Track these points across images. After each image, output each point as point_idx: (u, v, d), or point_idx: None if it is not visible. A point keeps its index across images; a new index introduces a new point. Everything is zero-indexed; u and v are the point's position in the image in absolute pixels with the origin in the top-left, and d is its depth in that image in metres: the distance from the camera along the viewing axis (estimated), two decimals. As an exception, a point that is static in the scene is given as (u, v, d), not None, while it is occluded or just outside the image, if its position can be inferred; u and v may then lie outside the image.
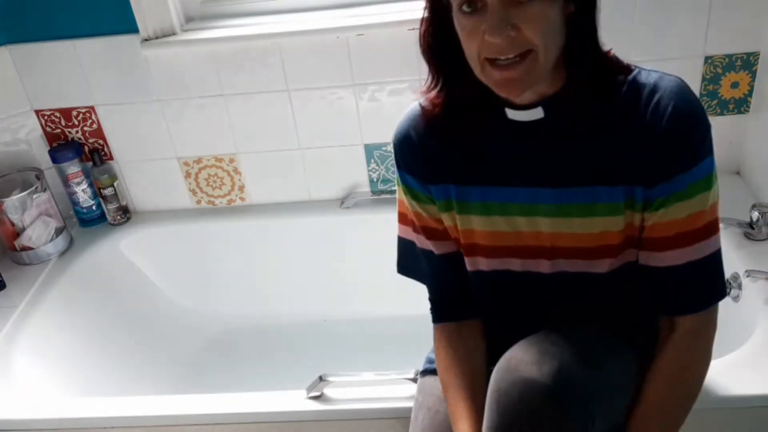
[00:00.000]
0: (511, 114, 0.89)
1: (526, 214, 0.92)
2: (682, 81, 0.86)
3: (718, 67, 1.62)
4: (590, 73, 0.85)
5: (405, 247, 1.08)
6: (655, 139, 0.84)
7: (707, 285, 0.92)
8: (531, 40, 0.77)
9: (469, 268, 1.01)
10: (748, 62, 1.61)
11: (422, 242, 1.04)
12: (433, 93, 0.93)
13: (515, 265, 0.97)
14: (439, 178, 0.97)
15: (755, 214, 1.44)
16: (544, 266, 0.95)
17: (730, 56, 1.60)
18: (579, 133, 0.88)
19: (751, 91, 1.64)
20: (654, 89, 0.84)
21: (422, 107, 0.96)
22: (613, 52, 0.87)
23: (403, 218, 1.06)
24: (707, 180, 0.86)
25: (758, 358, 1.18)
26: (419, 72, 1.67)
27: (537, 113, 0.88)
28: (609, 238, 0.90)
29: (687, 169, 0.84)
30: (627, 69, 0.87)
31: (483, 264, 0.99)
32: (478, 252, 0.98)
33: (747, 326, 1.27)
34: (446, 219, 1.00)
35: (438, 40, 0.88)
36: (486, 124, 0.91)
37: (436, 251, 1.03)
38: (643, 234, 0.90)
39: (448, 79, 0.91)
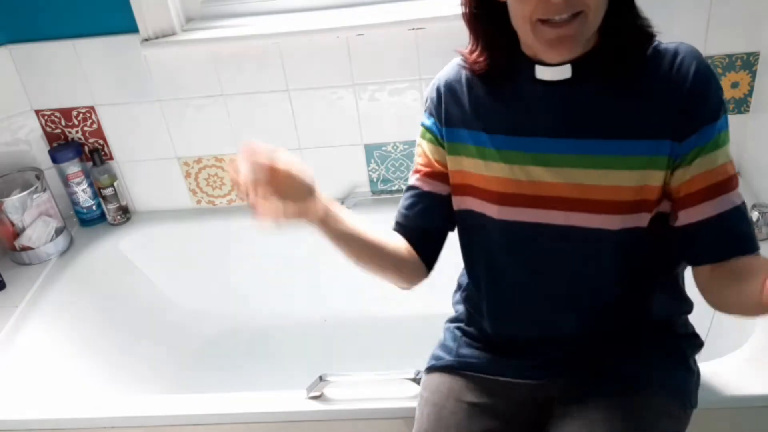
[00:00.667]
0: (540, 73, 0.93)
1: (543, 163, 0.95)
2: (695, 48, 0.92)
3: (718, 67, 1.62)
4: (623, 38, 0.90)
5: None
6: (683, 96, 0.89)
7: (751, 230, 0.94)
8: (584, 1, 0.83)
9: (477, 209, 1.02)
10: (748, 62, 1.61)
11: (413, 179, 1.08)
12: (474, 55, 0.98)
13: (527, 215, 0.98)
14: (460, 123, 1.01)
15: (755, 214, 1.44)
16: (556, 218, 0.97)
17: (730, 56, 1.61)
18: (604, 90, 0.92)
19: (751, 91, 1.64)
20: (676, 53, 0.91)
21: (464, 61, 1.01)
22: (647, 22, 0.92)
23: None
24: (727, 133, 0.93)
25: (758, 358, 1.18)
26: (419, 72, 1.67)
27: (565, 72, 0.92)
28: (623, 193, 0.93)
29: (713, 120, 0.90)
30: (652, 37, 0.92)
31: (493, 211, 1.00)
32: (490, 199, 1.00)
33: (747, 326, 1.27)
34: (455, 163, 1.02)
35: (480, 7, 0.93)
36: (516, 81, 0.96)
37: (424, 188, 1.06)
38: (681, 193, 0.92)
39: (486, 43, 0.96)
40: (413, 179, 1.08)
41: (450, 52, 1.04)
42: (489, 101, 0.99)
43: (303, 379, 1.28)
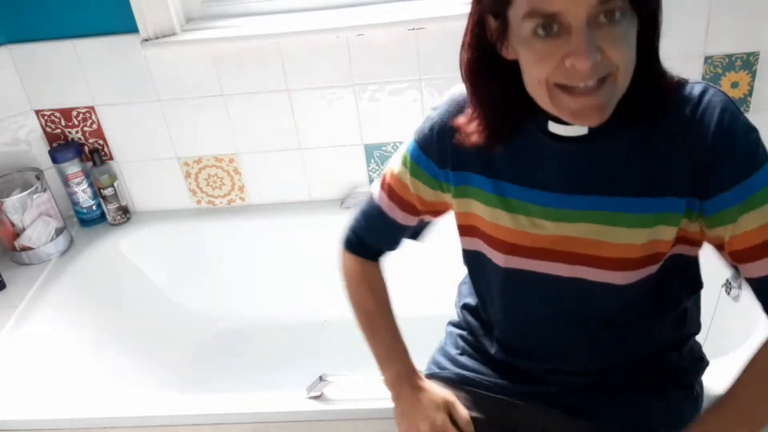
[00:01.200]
0: (554, 128, 0.86)
1: (551, 217, 0.90)
2: (724, 93, 0.83)
3: (717, 67, 1.62)
4: (647, 96, 0.81)
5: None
6: (703, 151, 0.81)
7: None
8: (614, 63, 0.73)
9: (485, 253, 0.98)
10: (747, 62, 1.61)
11: (390, 208, 1.06)
12: (474, 124, 0.89)
13: (533, 265, 0.94)
14: (464, 165, 0.94)
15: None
16: (562, 270, 0.92)
17: (729, 56, 1.61)
18: (621, 145, 0.85)
19: (751, 91, 1.64)
20: (699, 100, 0.82)
21: (459, 127, 0.92)
22: (670, 70, 0.84)
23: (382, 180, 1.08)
24: None
25: (758, 358, 1.18)
26: (419, 72, 1.67)
27: (581, 128, 0.84)
28: (633, 250, 0.87)
29: (747, 175, 0.80)
30: (679, 87, 0.83)
31: (500, 259, 0.96)
32: (496, 246, 0.96)
33: (747, 326, 1.27)
34: (462, 205, 0.98)
35: (482, 68, 0.85)
36: (526, 132, 0.89)
37: (400, 221, 1.06)
38: (735, 247, 0.85)
39: (491, 107, 0.87)
40: (383, 200, 1.06)
41: (450, 53, 1.03)
42: (495, 149, 0.91)
43: (303, 379, 1.28)
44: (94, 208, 1.90)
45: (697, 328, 1.03)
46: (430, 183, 1.00)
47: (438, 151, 0.97)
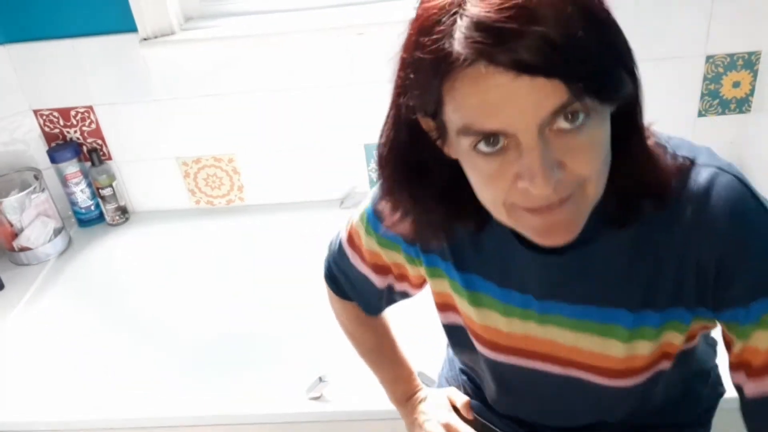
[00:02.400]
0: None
1: (531, 319, 0.78)
2: (739, 179, 0.67)
3: (719, 67, 1.62)
4: (635, 191, 0.65)
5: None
6: (712, 259, 0.66)
7: None
8: (581, 175, 0.58)
9: (467, 329, 0.87)
10: (749, 61, 1.60)
11: (366, 271, 0.94)
12: (395, 218, 0.74)
13: (519, 362, 0.83)
14: (432, 250, 0.81)
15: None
16: (553, 369, 0.81)
17: (731, 55, 1.60)
18: (608, 250, 0.70)
19: (752, 91, 1.64)
20: (707, 191, 0.65)
21: (382, 213, 0.79)
22: (661, 145, 0.67)
23: (351, 241, 0.93)
24: None
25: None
26: (419, 71, 1.67)
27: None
28: (636, 360, 0.75)
29: (761, 295, 0.65)
30: (680, 173, 0.66)
31: (483, 351, 0.85)
32: (477, 339, 0.85)
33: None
34: (438, 285, 0.86)
35: (406, 161, 0.69)
36: (494, 233, 0.74)
37: (378, 285, 0.94)
38: (742, 358, 0.70)
39: (425, 210, 0.71)
40: (360, 264, 0.93)
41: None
42: (462, 235, 0.76)
43: (303, 379, 1.27)
44: (92, 208, 1.89)
45: (715, 356, 0.95)
46: (401, 255, 0.87)
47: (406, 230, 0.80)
